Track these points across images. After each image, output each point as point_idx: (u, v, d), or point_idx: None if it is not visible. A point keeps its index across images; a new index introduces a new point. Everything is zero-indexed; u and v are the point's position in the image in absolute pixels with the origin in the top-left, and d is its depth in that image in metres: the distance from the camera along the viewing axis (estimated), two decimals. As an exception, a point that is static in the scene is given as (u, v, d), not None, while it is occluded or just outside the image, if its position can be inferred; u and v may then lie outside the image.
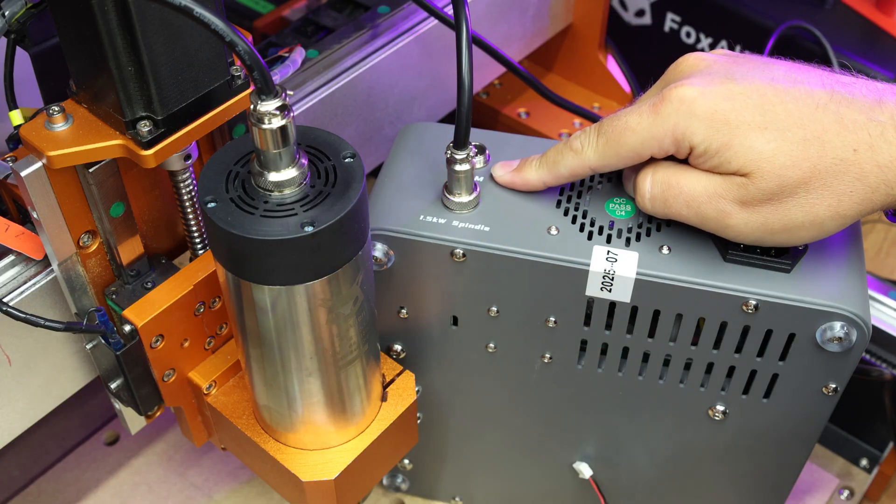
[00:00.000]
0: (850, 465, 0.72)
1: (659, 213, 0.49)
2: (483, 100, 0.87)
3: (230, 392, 0.52)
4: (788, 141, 0.44)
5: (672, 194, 0.47)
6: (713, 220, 0.47)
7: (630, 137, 0.47)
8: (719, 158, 0.45)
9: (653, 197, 0.48)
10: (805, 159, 0.44)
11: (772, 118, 0.45)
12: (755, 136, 0.45)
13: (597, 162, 0.49)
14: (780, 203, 0.45)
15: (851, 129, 0.44)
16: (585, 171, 0.50)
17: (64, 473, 0.71)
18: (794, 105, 0.45)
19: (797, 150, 0.44)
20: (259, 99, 0.38)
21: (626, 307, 0.50)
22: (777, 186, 0.45)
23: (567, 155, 0.50)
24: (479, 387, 0.58)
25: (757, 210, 0.46)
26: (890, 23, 0.80)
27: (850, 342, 0.48)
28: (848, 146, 0.44)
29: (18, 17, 0.45)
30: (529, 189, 0.52)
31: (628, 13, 0.88)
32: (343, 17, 0.68)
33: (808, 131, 0.44)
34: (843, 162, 0.44)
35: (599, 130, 0.49)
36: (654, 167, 0.48)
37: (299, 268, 0.41)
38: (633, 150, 0.48)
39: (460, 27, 0.48)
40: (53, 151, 0.42)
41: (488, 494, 0.67)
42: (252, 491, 0.70)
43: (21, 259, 0.49)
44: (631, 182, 0.51)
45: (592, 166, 0.49)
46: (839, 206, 0.45)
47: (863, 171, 0.44)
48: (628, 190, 0.52)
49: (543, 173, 0.51)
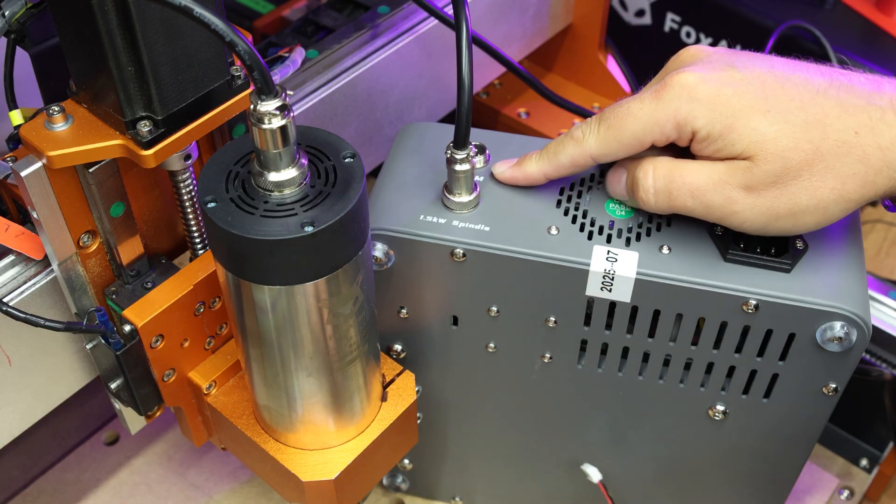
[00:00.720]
0: (850, 465, 0.72)
1: (662, 207, 0.48)
2: (483, 100, 0.87)
3: (230, 392, 0.52)
4: (790, 123, 0.45)
5: (675, 186, 0.47)
6: (719, 207, 0.47)
7: (632, 123, 0.47)
8: (722, 142, 0.46)
9: (657, 191, 0.48)
10: (807, 141, 0.44)
11: (773, 102, 0.45)
12: (758, 118, 0.45)
13: (598, 150, 0.49)
14: (785, 186, 0.45)
15: (852, 112, 0.45)
16: (586, 161, 0.50)
17: (64, 473, 0.71)
18: (794, 90, 0.45)
19: (799, 133, 0.45)
20: (259, 99, 0.38)
21: (626, 307, 0.50)
22: (781, 168, 0.45)
23: (568, 144, 0.50)
24: (479, 387, 0.58)
25: (762, 194, 0.46)
26: (890, 23, 0.80)
27: (850, 342, 0.48)
28: (849, 128, 0.44)
29: (18, 17, 0.45)
30: (530, 183, 0.52)
31: (628, 13, 0.88)
32: (343, 17, 0.68)
33: (810, 114, 0.45)
34: (846, 144, 0.44)
35: (601, 118, 0.49)
36: (653, 162, 0.48)
37: (299, 268, 0.41)
38: (635, 135, 0.47)
39: (460, 27, 0.48)
40: (53, 151, 0.42)
41: (488, 494, 0.67)
42: (252, 491, 0.70)
43: (21, 259, 0.49)
44: (622, 184, 0.50)
45: (594, 154, 0.49)
46: (843, 188, 0.45)
47: (865, 154, 0.44)
48: (616, 192, 0.51)
49: (544, 164, 0.51)
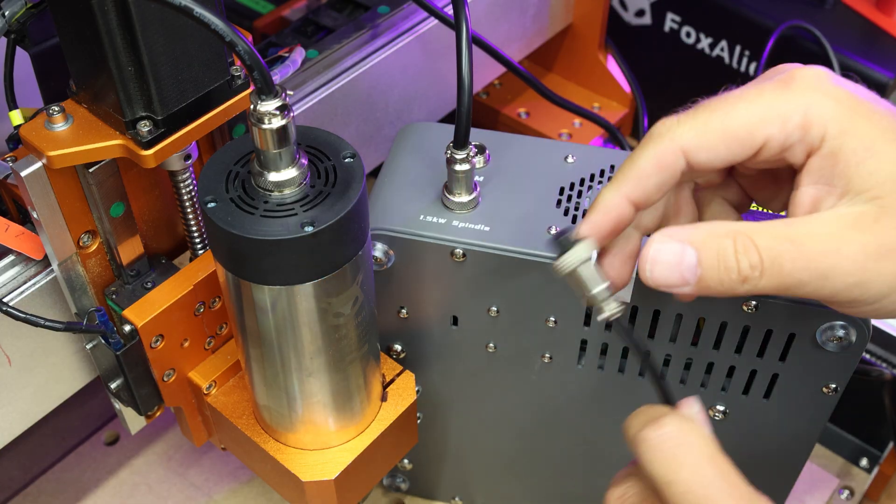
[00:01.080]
0: (850, 465, 0.72)
1: (762, 289, 0.37)
2: (483, 100, 0.87)
3: (230, 392, 0.52)
4: None
5: (790, 256, 0.36)
6: (848, 272, 0.36)
7: (745, 109, 0.38)
8: (853, 167, 0.36)
9: (763, 269, 0.37)
10: None
11: None
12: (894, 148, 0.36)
13: (693, 139, 0.38)
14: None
15: None
16: (676, 157, 0.39)
17: (64, 473, 0.71)
18: None
19: None
20: (259, 99, 0.38)
21: (627, 307, 0.50)
22: None
23: (646, 144, 0.40)
24: (479, 387, 0.58)
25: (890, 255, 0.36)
26: (890, 23, 0.80)
27: (850, 342, 0.48)
28: None
29: (18, 17, 0.45)
30: (614, 219, 0.40)
31: (628, 13, 0.88)
32: (343, 17, 0.68)
33: None
34: None
35: (697, 106, 0.39)
36: (737, 231, 0.37)
37: (299, 268, 0.41)
38: (748, 126, 0.38)
39: (460, 27, 0.48)
40: (53, 151, 0.42)
41: (488, 494, 0.67)
42: (252, 491, 0.70)
43: (21, 259, 0.49)
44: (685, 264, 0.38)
45: (686, 146, 0.38)
46: None
47: None
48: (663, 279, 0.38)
49: (620, 184, 0.40)
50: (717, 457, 0.38)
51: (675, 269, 0.37)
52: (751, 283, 0.37)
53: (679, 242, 0.37)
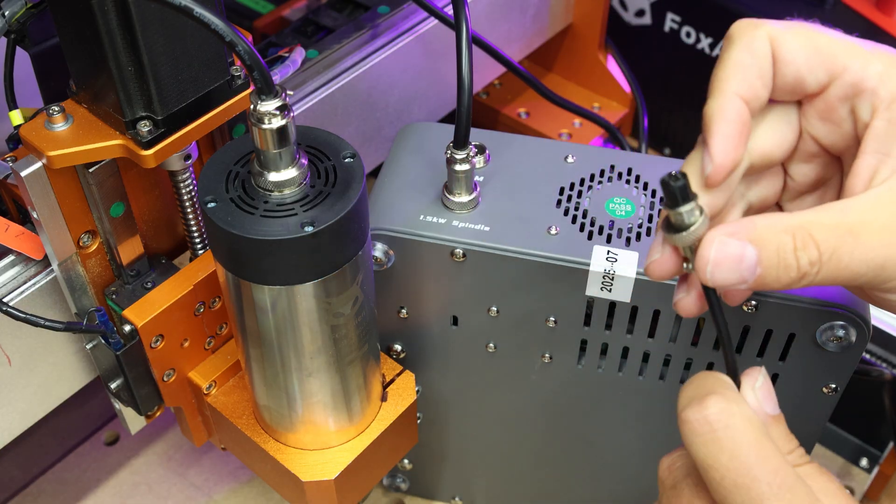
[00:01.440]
0: (850, 465, 0.72)
1: (818, 283, 0.37)
2: (483, 100, 0.87)
3: (230, 392, 0.52)
4: None
5: (848, 249, 0.36)
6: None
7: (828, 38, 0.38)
8: None
9: (821, 265, 0.36)
10: None
11: None
12: None
13: (776, 27, 0.38)
14: None
15: None
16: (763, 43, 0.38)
17: (64, 473, 0.71)
18: None
19: None
20: (259, 99, 0.38)
21: (626, 307, 0.50)
22: None
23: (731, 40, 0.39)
24: (479, 387, 0.58)
25: None
26: (890, 23, 0.80)
27: (850, 342, 0.48)
28: None
29: (18, 17, 0.45)
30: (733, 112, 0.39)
31: (628, 13, 0.88)
32: (343, 17, 0.68)
33: None
34: None
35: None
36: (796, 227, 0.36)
37: (299, 268, 0.41)
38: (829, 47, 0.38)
39: (460, 27, 0.48)
40: (53, 151, 0.42)
41: (488, 494, 0.67)
42: (252, 491, 0.70)
43: (21, 259, 0.49)
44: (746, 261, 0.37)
45: (771, 33, 0.38)
46: None
47: None
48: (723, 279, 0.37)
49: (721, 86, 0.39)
50: (759, 441, 0.37)
51: (736, 269, 0.37)
52: (808, 279, 0.37)
53: (740, 241, 0.36)
